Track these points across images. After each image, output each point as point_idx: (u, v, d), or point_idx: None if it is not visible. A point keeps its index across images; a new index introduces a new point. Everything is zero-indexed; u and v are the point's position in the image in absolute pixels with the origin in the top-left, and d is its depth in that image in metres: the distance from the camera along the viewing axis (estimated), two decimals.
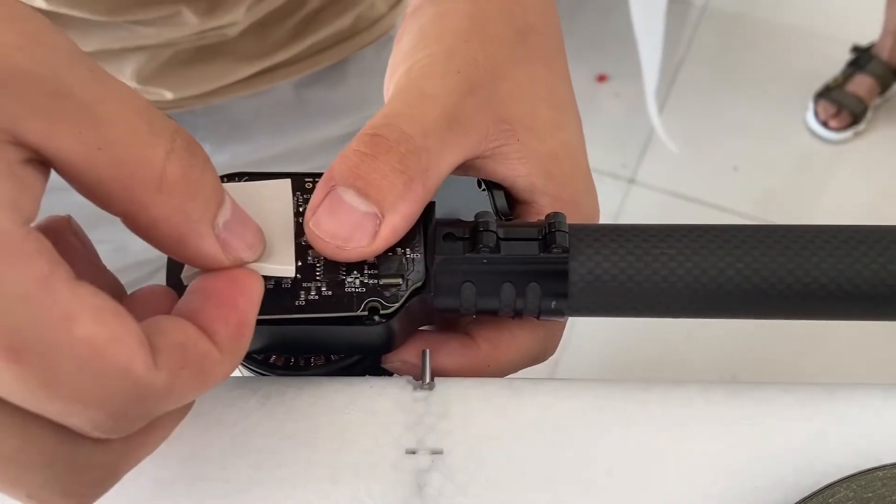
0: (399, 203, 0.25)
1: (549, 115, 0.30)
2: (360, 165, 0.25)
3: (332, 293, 0.25)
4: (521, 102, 0.29)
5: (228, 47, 0.48)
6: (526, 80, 0.30)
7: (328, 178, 0.25)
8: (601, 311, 0.27)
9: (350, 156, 0.25)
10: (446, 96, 0.27)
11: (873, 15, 1.58)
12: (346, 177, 0.25)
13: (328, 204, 0.24)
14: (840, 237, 0.26)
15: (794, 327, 1.21)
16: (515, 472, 0.26)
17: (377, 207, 0.25)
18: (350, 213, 0.24)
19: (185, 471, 0.26)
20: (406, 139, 0.25)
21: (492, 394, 0.28)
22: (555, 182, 0.29)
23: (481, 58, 0.28)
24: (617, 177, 1.55)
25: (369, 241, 0.25)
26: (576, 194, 0.30)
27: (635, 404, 0.27)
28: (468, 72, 0.28)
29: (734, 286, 0.26)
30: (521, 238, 0.26)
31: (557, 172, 0.29)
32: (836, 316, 0.26)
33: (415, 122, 0.26)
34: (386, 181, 0.25)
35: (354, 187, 0.24)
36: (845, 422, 0.27)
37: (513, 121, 0.29)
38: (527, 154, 0.29)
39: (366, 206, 0.24)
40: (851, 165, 1.59)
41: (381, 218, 0.25)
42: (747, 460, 0.26)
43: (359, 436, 0.27)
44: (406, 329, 0.28)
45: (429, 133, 0.26)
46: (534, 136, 0.29)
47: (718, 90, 1.67)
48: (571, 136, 0.31)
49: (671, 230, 0.27)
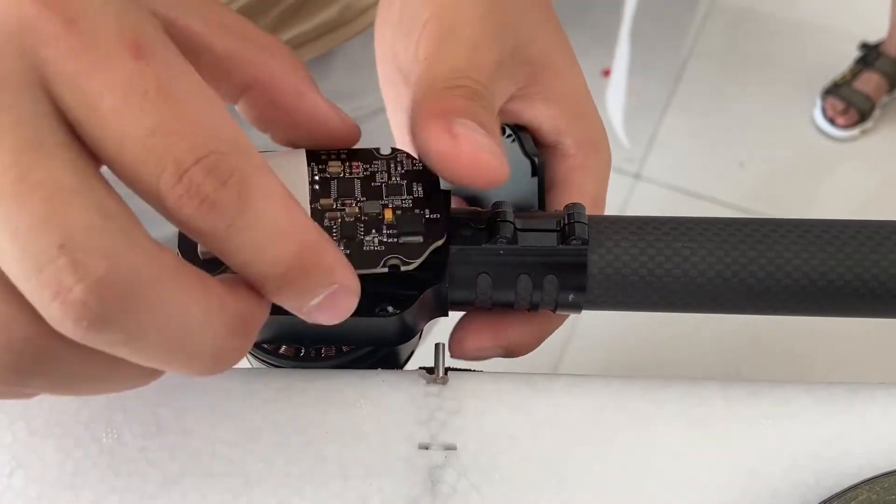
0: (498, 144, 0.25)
1: (563, 56, 0.30)
2: (471, 104, 0.25)
3: (352, 252, 0.24)
4: (538, 43, 0.29)
5: None
6: (537, 22, 0.30)
7: (435, 112, 0.25)
8: (620, 305, 0.27)
9: (453, 97, 0.25)
10: (494, 45, 0.27)
11: (882, 12, 1.57)
12: (457, 110, 0.25)
13: (458, 136, 0.24)
14: (865, 232, 0.26)
15: (799, 323, 1.20)
16: (529, 470, 0.26)
17: (491, 139, 0.25)
18: (476, 142, 0.24)
19: (195, 465, 0.25)
20: (486, 92, 0.26)
21: (506, 389, 0.27)
22: (578, 124, 0.30)
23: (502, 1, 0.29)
24: (622, 171, 1.54)
25: (501, 162, 0.24)
26: (597, 136, 0.30)
27: (652, 402, 0.27)
28: (500, 12, 0.28)
29: (757, 281, 0.25)
30: (539, 229, 0.26)
31: (580, 114, 0.30)
32: (865, 313, 0.26)
33: (482, 73, 0.26)
34: (488, 123, 0.25)
35: (475, 120, 0.24)
36: (866, 423, 0.26)
37: (534, 61, 0.29)
38: (550, 95, 0.29)
39: (485, 137, 0.24)
40: (858, 163, 1.58)
41: (497, 152, 0.24)
42: (766, 461, 0.26)
43: (371, 430, 0.26)
44: (418, 323, 0.27)
45: (492, 87, 0.27)
46: (555, 76, 0.30)
47: (726, 85, 1.66)
48: (581, 76, 0.31)
49: (693, 223, 0.26)
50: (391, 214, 0.25)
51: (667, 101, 1.64)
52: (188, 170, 0.18)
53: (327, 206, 0.25)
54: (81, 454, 0.26)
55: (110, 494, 0.25)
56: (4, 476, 0.25)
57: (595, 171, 0.30)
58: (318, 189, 0.25)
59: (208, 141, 0.19)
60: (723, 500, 0.25)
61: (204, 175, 0.18)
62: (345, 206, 0.25)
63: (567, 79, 0.30)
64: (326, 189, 0.25)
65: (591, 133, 0.30)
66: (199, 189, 0.18)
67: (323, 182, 0.25)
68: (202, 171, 0.18)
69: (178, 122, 0.18)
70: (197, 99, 0.19)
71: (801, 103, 1.63)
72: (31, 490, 0.25)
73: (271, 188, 0.20)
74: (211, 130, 0.19)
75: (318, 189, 0.25)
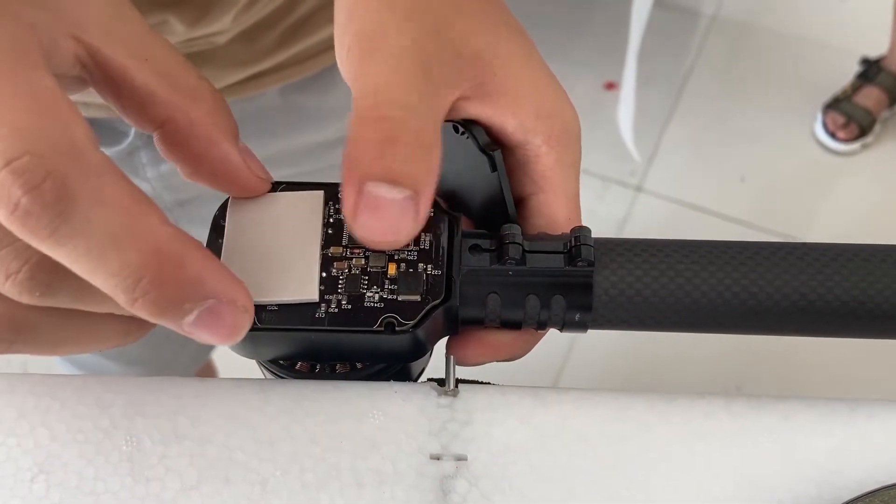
0: (428, 175, 0.24)
1: (512, 44, 0.28)
2: (381, 154, 0.24)
3: (352, 307, 0.26)
4: (481, 34, 0.28)
5: (216, 55, 0.48)
6: (474, 16, 0.28)
7: (351, 176, 0.24)
8: (624, 325, 0.28)
9: (366, 147, 0.24)
10: (414, 49, 0.26)
11: (882, 27, 1.58)
12: (372, 169, 0.23)
13: (365, 204, 0.24)
14: (862, 255, 0.26)
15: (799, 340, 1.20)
16: (538, 480, 0.26)
17: (411, 189, 0.24)
18: (390, 205, 0.23)
19: (213, 472, 0.26)
20: (410, 109, 0.24)
21: (515, 402, 0.28)
22: (544, 118, 0.28)
23: (423, 5, 0.27)
24: (624, 184, 1.55)
25: (415, 219, 0.24)
26: (566, 124, 0.29)
27: (657, 416, 0.28)
28: (419, 18, 0.27)
29: (758, 303, 0.26)
30: (547, 251, 0.27)
31: (544, 105, 0.28)
32: (862, 334, 0.26)
33: (405, 87, 0.25)
34: (410, 163, 0.24)
35: (386, 179, 0.23)
36: (867, 437, 0.27)
37: (482, 55, 0.27)
38: (509, 92, 0.28)
39: (402, 193, 0.23)
40: (859, 177, 1.59)
41: (417, 196, 0.24)
42: (769, 474, 0.26)
43: (383, 440, 0.27)
44: (430, 338, 0.28)
45: (421, 93, 0.25)
46: (508, 69, 0.28)
47: (727, 99, 1.67)
48: (540, 62, 0.29)
49: (696, 245, 0.27)
50: (394, 269, 0.26)
51: (669, 114, 1.65)
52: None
53: (336, 254, 0.26)
54: (102, 461, 0.26)
55: (130, 500, 0.26)
56: (26, 481, 0.26)
57: (570, 167, 0.29)
58: (331, 234, 0.26)
59: (24, 143, 0.18)
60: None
61: (13, 178, 0.18)
62: (352, 257, 0.26)
63: (524, 73, 0.28)
64: (338, 235, 0.26)
65: (560, 125, 0.28)
66: (9, 193, 0.18)
67: (336, 226, 0.27)
68: (11, 175, 0.18)
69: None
70: (18, 100, 0.18)
71: (802, 117, 1.64)
72: (52, 495, 0.26)
73: (107, 191, 0.19)
74: (31, 132, 0.18)
75: (331, 234, 0.26)
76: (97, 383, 0.28)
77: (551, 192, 0.28)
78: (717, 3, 1.82)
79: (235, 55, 0.49)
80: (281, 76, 0.52)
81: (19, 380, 0.28)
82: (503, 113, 0.28)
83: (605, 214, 1.52)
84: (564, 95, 0.29)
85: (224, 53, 0.48)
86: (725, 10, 1.81)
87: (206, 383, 0.28)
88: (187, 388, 0.28)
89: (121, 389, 0.28)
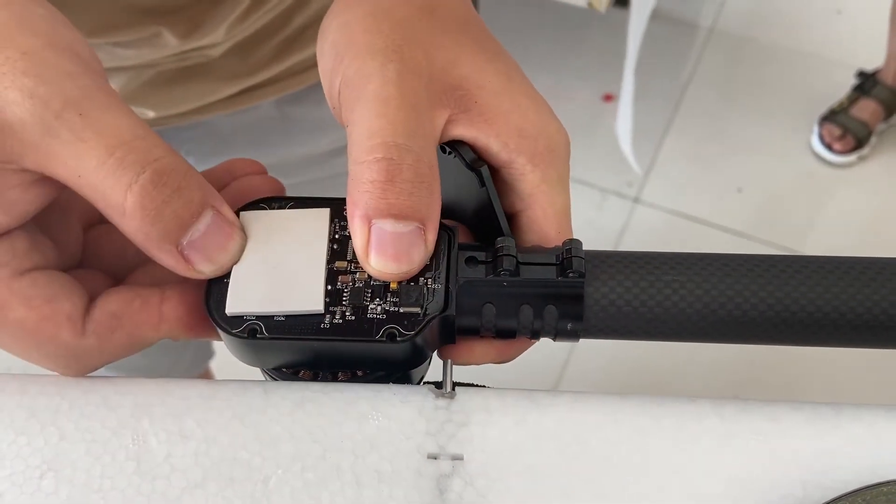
0: (431, 206, 0.26)
1: (493, 69, 0.30)
2: (384, 194, 0.25)
3: (356, 318, 0.27)
4: (461, 65, 0.29)
5: (211, 67, 0.49)
6: (454, 45, 0.29)
7: (359, 215, 0.26)
8: (615, 334, 0.28)
9: (369, 188, 0.25)
10: (397, 90, 0.27)
11: (878, 40, 1.60)
12: (378, 208, 0.25)
13: (376, 241, 0.26)
14: (842, 268, 0.27)
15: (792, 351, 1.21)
16: (532, 480, 0.27)
17: (417, 221, 0.26)
18: (400, 239, 0.26)
19: (217, 471, 0.27)
20: (404, 149, 0.26)
21: (511, 404, 0.29)
22: (527, 137, 0.29)
23: (401, 40, 0.28)
24: (622, 195, 1.56)
25: (425, 248, 0.26)
26: (549, 142, 0.30)
27: (649, 418, 0.28)
28: (398, 58, 0.28)
29: (742, 313, 0.27)
30: (540, 263, 0.28)
31: (527, 125, 0.29)
32: (839, 343, 0.27)
33: (395, 128, 0.26)
34: (413, 197, 0.26)
35: (391, 216, 0.25)
36: (851, 440, 0.28)
37: (462, 84, 0.29)
38: (490, 114, 0.29)
39: (409, 227, 0.26)
40: (855, 188, 1.60)
41: (423, 227, 0.26)
42: (757, 475, 0.27)
43: (383, 441, 0.28)
44: (429, 347, 0.29)
45: (411, 132, 0.26)
46: (489, 92, 0.29)
47: (724, 111, 1.69)
48: (522, 82, 0.30)
49: (682, 258, 0.28)
50: (396, 283, 0.27)
51: (666, 126, 1.67)
52: None
53: (341, 268, 0.27)
54: (109, 459, 0.27)
55: (137, 497, 0.26)
56: (36, 479, 0.27)
57: (557, 182, 0.30)
58: (337, 249, 0.28)
59: None
60: None
61: None
62: (356, 271, 0.27)
63: (505, 95, 0.29)
64: (343, 250, 0.28)
65: (544, 144, 0.29)
66: None
67: (342, 242, 0.28)
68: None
69: None
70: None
71: (798, 129, 1.66)
72: (61, 492, 0.27)
73: None
74: None
75: (337, 249, 0.28)
76: (105, 385, 0.29)
77: (539, 209, 0.29)
78: (715, 16, 1.84)
79: (230, 68, 0.49)
80: (276, 88, 0.53)
81: (30, 381, 0.29)
82: (486, 135, 0.29)
83: (602, 225, 1.53)
84: (549, 113, 0.30)
85: (218, 66, 0.49)
86: (723, 23, 1.83)
87: (210, 385, 0.29)
88: (193, 390, 0.29)
89: (128, 391, 0.29)
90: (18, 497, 0.26)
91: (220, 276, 0.27)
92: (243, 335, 0.26)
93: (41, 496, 0.27)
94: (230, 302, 0.27)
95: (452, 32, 0.30)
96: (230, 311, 0.27)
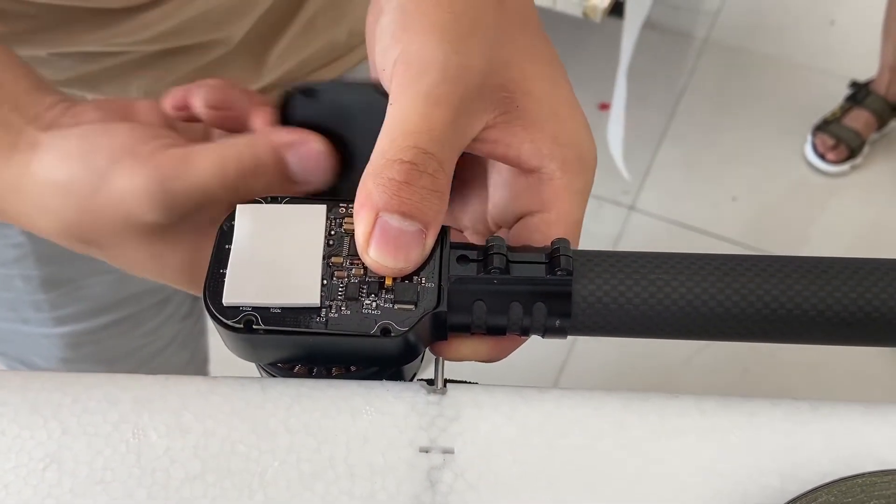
0: (438, 214, 0.27)
1: (541, 75, 0.30)
2: (398, 192, 0.26)
3: (351, 313, 0.27)
4: (513, 68, 0.29)
5: (226, 63, 0.49)
6: (512, 46, 0.30)
7: (369, 205, 0.27)
8: (602, 332, 0.29)
9: (386, 183, 0.26)
10: (452, 92, 0.27)
11: (871, 51, 1.62)
12: (389, 204, 0.26)
13: (379, 232, 0.27)
14: (820, 267, 0.28)
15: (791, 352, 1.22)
16: (521, 472, 0.28)
17: (422, 224, 0.27)
18: (401, 236, 0.27)
19: (215, 463, 0.28)
20: (431, 159, 0.27)
21: (500, 400, 0.30)
22: (561, 145, 0.30)
23: (469, 28, 0.29)
24: (618, 203, 1.58)
25: (422, 251, 0.27)
26: (581, 152, 0.30)
27: (633, 413, 0.29)
28: (464, 51, 0.28)
29: (723, 310, 0.28)
30: (529, 261, 0.29)
31: (562, 133, 0.30)
32: (818, 340, 0.28)
33: (432, 136, 0.27)
34: (425, 203, 0.27)
35: (400, 212, 0.26)
36: (827, 434, 0.29)
37: (510, 87, 0.29)
38: (529, 119, 0.29)
39: (413, 226, 0.27)
40: (848, 198, 1.61)
41: (426, 231, 0.27)
42: (737, 467, 0.28)
43: (376, 435, 0.29)
44: (421, 342, 0.30)
45: (445, 142, 0.27)
46: (532, 98, 0.30)
47: (718, 121, 1.70)
48: (566, 91, 0.31)
49: (667, 258, 0.29)
50: (391, 280, 0.28)
51: (661, 135, 1.68)
52: None
53: (338, 263, 0.28)
54: (111, 452, 0.28)
55: (137, 489, 0.27)
56: (39, 471, 0.28)
57: (580, 193, 0.30)
58: (333, 245, 0.28)
59: None
60: (696, 501, 0.27)
61: None
62: (352, 266, 0.28)
63: (547, 100, 0.30)
64: (339, 246, 0.29)
65: (575, 153, 0.30)
66: None
67: (337, 238, 0.29)
68: None
69: None
70: None
71: (792, 139, 1.67)
72: (64, 483, 0.27)
73: None
74: None
75: (333, 245, 0.28)
76: (107, 381, 0.30)
77: (555, 213, 0.30)
78: (709, 27, 1.86)
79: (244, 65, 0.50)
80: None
81: (33, 377, 0.30)
82: (521, 140, 0.30)
83: (598, 233, 1.54)
84: (585, 124, 0.31)
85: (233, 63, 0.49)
86: (717, 34, 1.85)
87: (209, 382, 0.30)
88: (192, 386, 0.30)
89: (129, 387, 0.30)
90: (23, 489, 0.27)
91: (219, 269, 0.28)
92: (240, 326, 0.27)
93: (45, 488, 0.27)
94: (227, 292, 0.27)
95: (514, 29, 0.30)
96: (227, 301, 0.27)
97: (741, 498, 0.27)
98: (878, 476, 0.26)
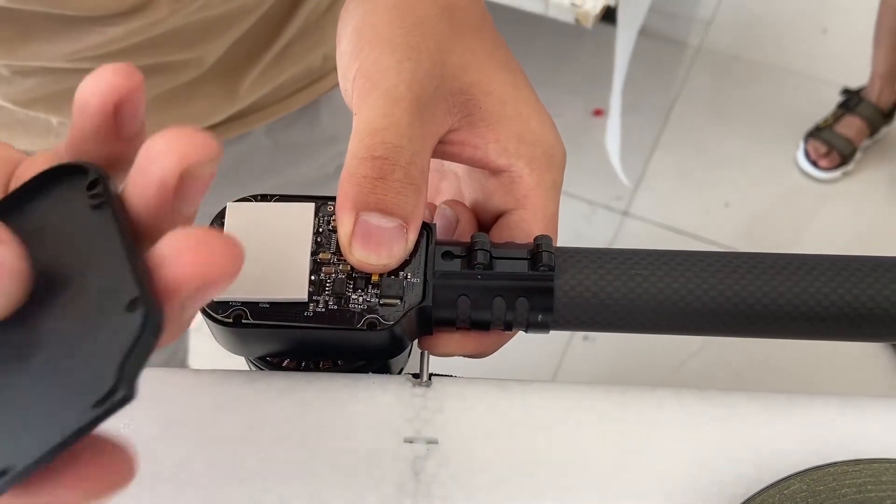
0: (417, 208, 0.28)
1: (500, 77, 0.31)
2: (374, 189, 0.27)
3: (338, 308, 0.28)
4: (471, 71, 0.30)
5: (198, 86, 0.48)
6: (467, 51, 0.31)
7: (348, 206, 0.27)
8: (583, 326, 0.30)
9: (361, 182, 0.27)
10: (409, 91, 0.28)
11: (863, 59, 1.63)
12: (367, 202, 0.27)
13: (360, 231, 0.27)
14: (795, 263, 0.29)
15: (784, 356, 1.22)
16: (502, 462, 0.29)
17: (401, 219, 0.27)
18: (382, 233, 0.27)
19: (204, 453, 0.28)
20: (400, 151, 0.27)
21: (483, 392, 0.30)
22: (527, 143, 0.30)
23: (420, 39, 0.30)
24: (611, 209, 1.59)
25: (405, 246, 0.28)
26: (548, 149, 0.31)
27: (613, 405, 0.30)
28: (416, 57, 0.29)
29: (700, 305, 0.29)
30: (512, 257, 0.29)
31: (527, 131, 0.31)
32: (793, 335, 0.29)
33: (398, 130, 0.28)
34: (401, 196, 0.27)
35: (377, 210, 0.27)
36: (802, 426, 0.29)
37: (470, 90, 0.30)
38: (493, 119, 0.30)
39: (393, 222, 0.27)
40: (840, 204, 1.62)
41: (406, 225, 0.28)
42: (713, 457, 0.29)
43: (362, 426, 0.29)
44: (407, 336, 0.30)
45: (412, 136, 0.28)
46: (494, 99, 0.30)
47: (711, 128, 1.71)
48: (527, 92, 0.32)
49: (646, 254, 0.30)
50: (377, 275, 0.29)
51: (655, 141, 1.69)
52: None
53: (325, 259, 0.29)
54: None
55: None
56: None
57: (551, 189, 0.31)
58: (321, 241, 0.29)
59: None
60: (674, 489, 0.28)
61: None
62: (339, 262, 0.29)
63: (509, 103, 0.31)
64: (327, 243, 0.29)
65: (542, 150, 0.31)
66: None
67: (325, 235, 0.29)
68: None
69: None
70: None
71: (784, 146, 1.68)
72: None
73: None
74: None
75: (321, 241, 0.29)
76: None
77: (530, 210, 0.31)
78: (703, 35, 1.87)
79: (219, 90, 0.49)
80: (265, 114, 0.53)
81: None
82: (486, 140, 0.30)
83: (591, 237, 1.54)
84: (549, 123, 0.32)
85: (207, 89, 0.49)
86: (710, 41, 1.86)
87: (198, 374, 0.31)
88: (182, 379, 0.30)
89: None
90: None
91: None
92: (229, 320, 0.28)
93: None
94: None
95: (467, 36, 0.31)
96: (217, 296, 0.28)
97: (717, 486, 0.28)
98: (850, 465, 0.27)
